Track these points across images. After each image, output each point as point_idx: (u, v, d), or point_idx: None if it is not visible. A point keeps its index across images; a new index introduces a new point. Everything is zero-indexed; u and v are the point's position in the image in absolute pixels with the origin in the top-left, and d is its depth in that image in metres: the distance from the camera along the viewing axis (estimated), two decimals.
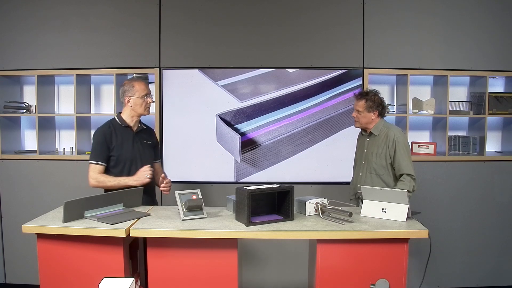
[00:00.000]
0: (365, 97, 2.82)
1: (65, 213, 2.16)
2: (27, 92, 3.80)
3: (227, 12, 3.56)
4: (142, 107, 2.63)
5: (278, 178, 3.57)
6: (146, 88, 2.65)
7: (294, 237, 2.16)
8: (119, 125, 2.66)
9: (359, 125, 2.90)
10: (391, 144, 2.76)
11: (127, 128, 2.67)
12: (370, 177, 2.85)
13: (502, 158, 3.59)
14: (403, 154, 2.74)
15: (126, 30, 3.56)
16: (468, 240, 3.59)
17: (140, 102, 2.62)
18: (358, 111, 2.84)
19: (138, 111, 2.64)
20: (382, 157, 2.80)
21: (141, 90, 2.62)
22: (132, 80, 2.69)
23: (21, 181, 3.58)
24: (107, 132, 2.61)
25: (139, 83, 2.65)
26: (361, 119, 2.85)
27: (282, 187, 2.29)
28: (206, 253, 2.17)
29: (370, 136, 2.89)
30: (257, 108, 3.58)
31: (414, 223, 2.24)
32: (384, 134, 2.82)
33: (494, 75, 3.62)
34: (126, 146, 2.64)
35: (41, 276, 2.18)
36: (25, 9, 3.56)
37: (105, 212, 2.32)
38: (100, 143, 2.59)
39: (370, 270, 2.14)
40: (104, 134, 2.60)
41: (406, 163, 2.73)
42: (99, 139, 2.60)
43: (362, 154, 2.95)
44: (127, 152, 2.63)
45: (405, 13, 3.56)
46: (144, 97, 2.62)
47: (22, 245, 3.51)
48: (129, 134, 2.66)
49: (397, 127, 2.88)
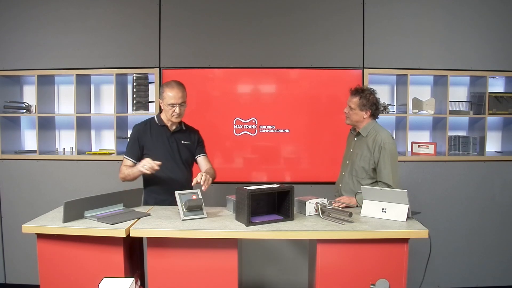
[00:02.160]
0: (360, 94, 2.70)
1: (65, 213, 2.16)
2: (27, 92, 3.81)
3: (227, 12, 3.56)
4: (169, 114, 2.63)
5: (278, 178, 3.57)
6: (174, 98, 2.58)
7: (294, 237, 2.16)
8: (156, 124, 2.70)
9: (349, 121, 2.77)
10: (377, 149, 2.63)
11: (164, 127, 2.70)
12: (351, 179, 2.74)
13: (502, 158, 3.60)
14: (386, 162, 2.61)
15: (126, 30, 3.56)
16: (468, 240, 3.59)
17: (167, 109, 2.62)
18: (350, 107, 2.72)
19: (166, 115, 2.66)
20: (366, 160, 2.67)
21: (168, 98, 2.59)
22: (166, 85, 2.65)
23: (21, 181, 3.58)
24: (141, 129, 2.70)
25: (171, 90, 2.60)
26: (352, 116, 2.73)
27: (282, 187, 2.29)
28: (206, 253, 2.17)
29: (358, 136, 2.78)
30: (257, 107, 3.58)
31: (414, 223, 2.23)
32: (372, 137, 2.69)
33: (494, 75, 3.62)
34: (160, 144, 2.67)
35: (41, 276, 2.18)
36: (25, 9, 3.56)
37: (105, 212, 2.32)
38: (133, 139, 2.69)
39: (370, 270, 2.14)
40: (138, 131, 2.70)
41: (387, 172, 2.60)
42: (133, 135, 2.70)
43: (348, 153, 2.86)
44: (159, 150, 2.65)
45: (405, 13, 3.56)
46: (170, 105, 2.59)
47: (22, 245, 3.51)
48: (164, 133, 2.69)
49: (387, 132, 2.73)
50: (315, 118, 3.59)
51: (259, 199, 2.29)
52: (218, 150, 3.62)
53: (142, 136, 2.68)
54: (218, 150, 3.62)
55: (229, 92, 3.61)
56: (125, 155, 2.68)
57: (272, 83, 3.63)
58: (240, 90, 3.62)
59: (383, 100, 3.68)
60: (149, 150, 2.65)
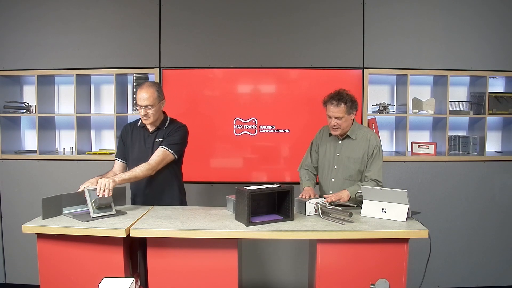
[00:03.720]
0: (343, 100, 2.56)
1: (44, 209, 2.19)
2: (27, 92, 3.81)
3: (227, 12, 3.56)
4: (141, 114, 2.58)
5: (278, 178, 3.57)
6: (139, 99, 2.52)
7: (294, 237, 2.16)
8: (137, 125, 2.70)
9: (341, 131, 2.62)
10: (370, 150, 2.62)
11: (142, 129, 2.68)
12: (346, 184, 2.64)
13: (502, 158, 3.59)
14: (377, 160, 2.62)
15: (126, 30, 3.55)
16: (468, 240, 3.59)
17: (138, 109, 2.58)
18: (338, 118, 2.57)
19: None
20: (359, 162, 2.64)
21: (137, 99, 2.56)
22: (139, 86, 2.59)
23: (21, 181, 3.58)
24: (124, 130, 2.74)
25: (139, 91, 2.54)
26: (343, 125, 2.60)
27: (282, 187, 2.29)
28: (206, 253, 2.17)
29: (344, 140, 2.69)
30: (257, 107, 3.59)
31: (414, 223, 2.24)
32: (362, 138, 2.64)
33: (494, 75, 3.62)
34: (137, 146, 2.66)
35: (41, 276, 2.18)
36: (25, 9, 3.56)
37: (82, 210, 2.34)
38: (119, 139, 2.75)
39: (370, 270, 2.14)
40: (122, 132, 2.74)
41: (378, 169, 2.62)
42: (120, 136, 2.75)
43: (333, 158, 2.71)
44: (135, 151, 2.65)
45: (405, 13, 3.56)
46: (139, 106, 2.54)
47: (22, 245, 3.51)
48: (142, 134, 2.68)
49: (370, 129, 2.72)
50: (315, 118, 3.58)
51: (259, 199, 2.29)
52: (218, 150, 3.62)
53: (125, 136, 2.72)
54: (218, 150, 3.62)
55: (229, 92, 3.61)
56: (115, 156, 2.75)
57: (272, 83, 3.62)
58: (240, 90, 3.62)
59: (383, 100, 3.69)
60: (128, 150, 2.69)
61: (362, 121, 3.52)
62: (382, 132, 3.76)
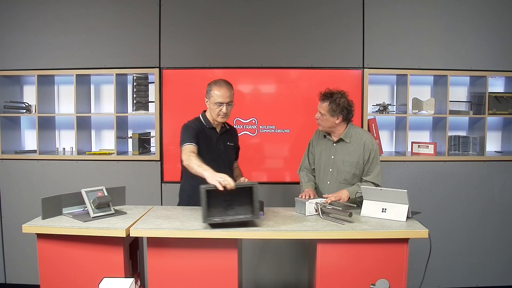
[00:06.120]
0: (329, 99, 2.55)
1: (44, 209, 2.19)
2: (27, 92, 3.80)
3: (227, 12, 3.56)
4: (215, 113, 2.57)
5: (278, 178, 3.57)
6: (221, 96, 2.53)
7: (294, 237, 2.16)
8: (204, 126, 2.63)
9: (322, 128, 2.66)
10: (366, 154, 2.60)
11: (212, 130, 2.65)
12: (342, 187, 2.61)
13: (502, 158, 3.59)
14: (375, 163, 2.61)
15: (126, 30, 3.55)
16: (468, 240, 3.59)
17: (214, 107, 2.56)
18: (320, 113, 2.59)
19: (212, 115, 2.61)
20: (354, 165, 2.62)
21: (216, 96, 2.54)
22: (214, 83, 2.60)
23: (21, 181, 3.58)
24: (198, 127, 2.59)
25: (219, 89, 2.55)
26: (323, 122, 2.60)
27: (243, 183, 2.24)
28: (206, 253, 2.17)
29: (338, 142, 2.67)
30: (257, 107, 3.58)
31: (414, 223, 2.24)
32: (357, 141, 2.62)
33: (494, 75, 3.61)
34: (211, 147, 2.61)
35: (41, 276, 2.18)
36: (25, 9, 3.56)
37: (82, 210, 2.34)
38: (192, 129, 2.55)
39: (370, 270, 2.14)
40: (196, 127, 2.58)
41: (377, 173, 2.60)
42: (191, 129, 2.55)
43: (328, 160, 2.70)
44: (210, 153, 2.57)
45: (405, 13, 3.56)
46: (217, 104, 2.54)
47: (22, 245, 3.51)
48: (213, 135, 2.65)
49: (367, 132, 2.68)
50: (315, 118, 3.58)
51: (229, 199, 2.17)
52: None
53: (200, 132, 2.57)
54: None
55: None
56: (189, 142, 2.47)
57: (272, 83, 3.62)
58: (240, 90, 3.61)
59: (383, 100, 3.69)
60: (201, 152, 2.49)
61: (362, 121, 3.52)
62: (382, 132, 3.76)
